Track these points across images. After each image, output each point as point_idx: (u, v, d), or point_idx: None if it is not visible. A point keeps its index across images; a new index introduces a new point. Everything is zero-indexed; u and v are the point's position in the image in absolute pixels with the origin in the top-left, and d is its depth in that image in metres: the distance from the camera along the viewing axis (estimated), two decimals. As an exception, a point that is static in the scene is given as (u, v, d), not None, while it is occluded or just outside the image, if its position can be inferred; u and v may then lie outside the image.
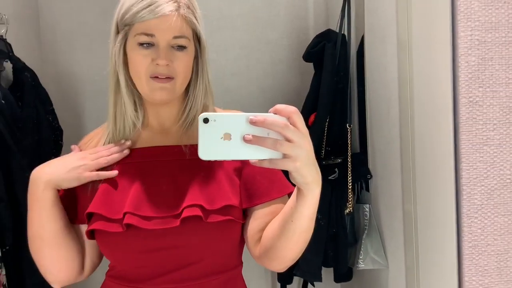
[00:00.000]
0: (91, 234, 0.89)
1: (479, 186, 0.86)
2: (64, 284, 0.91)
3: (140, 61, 0.85)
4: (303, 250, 0.82)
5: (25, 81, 1.42)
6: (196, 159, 0.66)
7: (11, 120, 1.33)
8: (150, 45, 0.84)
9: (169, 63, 0.85)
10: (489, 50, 0.85)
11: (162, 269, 0.86)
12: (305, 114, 1.47)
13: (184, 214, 0.83)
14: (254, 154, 0.63)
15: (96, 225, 0.86)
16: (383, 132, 1.37)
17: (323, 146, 1.51)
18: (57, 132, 1.56)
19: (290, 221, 0.76)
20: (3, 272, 1.20)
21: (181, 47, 0.86)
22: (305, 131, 0.65)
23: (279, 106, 0.64)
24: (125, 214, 0.84)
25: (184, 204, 0.84)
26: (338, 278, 1.66)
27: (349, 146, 1.44)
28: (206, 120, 0.62)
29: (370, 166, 1.47)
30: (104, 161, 0.88)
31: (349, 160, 1.43)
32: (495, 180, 0.88)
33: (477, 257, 0.85)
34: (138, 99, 0.92)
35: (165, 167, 0.90)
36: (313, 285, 1.72)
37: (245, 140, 0.62)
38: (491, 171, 0.89)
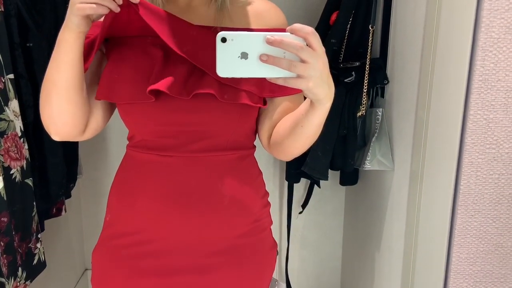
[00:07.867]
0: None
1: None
2: (64, 139, 0.91)
3: None
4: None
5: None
6: None
7: (30, 2, 1.32)
8: None
9: None
10: None
11: (178, 141, 0.90)
12: (327, 11, 1.42)
13: (197, 91, 0.84)
14: (270, 73, 0.67)
15: None
16: (406, 34, 1.33)
17: (343, 48, 1.48)
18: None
19: (300, 126, 0.81)
20: (26, 147, 1.26)
21: None
22: (321, 50, 0.67)
23: (296, 26, 0.66)
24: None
25: (201, 86, 0.85)
26: (344, 181, 1.71)
27: (370, 48, 1.41)
28: (224, 40, 0.65)
29: (388, 72, 1.45)
30: None
31: (368, 63, 1.41)
32: None
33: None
34: None
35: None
36: (319, 186, 1.78)
37: (261, 60, 0.65)
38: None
